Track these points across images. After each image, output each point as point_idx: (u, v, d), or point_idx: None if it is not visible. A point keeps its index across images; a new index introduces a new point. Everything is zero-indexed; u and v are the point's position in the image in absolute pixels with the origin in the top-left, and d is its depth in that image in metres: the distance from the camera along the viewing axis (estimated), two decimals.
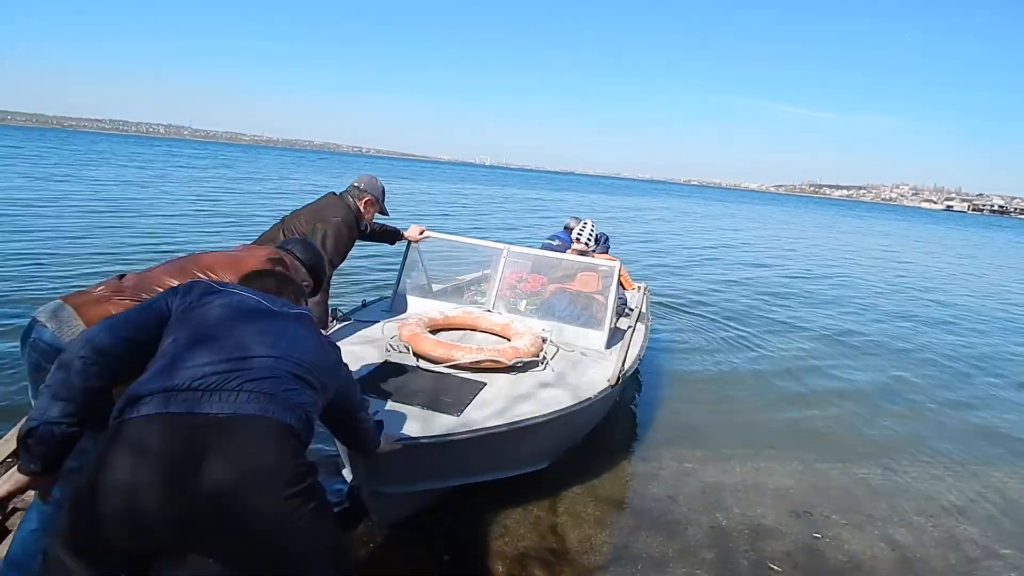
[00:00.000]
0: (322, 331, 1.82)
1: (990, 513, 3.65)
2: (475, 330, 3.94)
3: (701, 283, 11.00)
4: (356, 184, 3.97)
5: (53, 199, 14.45)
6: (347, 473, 2.79)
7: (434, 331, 3.77)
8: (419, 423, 2.61)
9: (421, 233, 4.48)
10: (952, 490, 3.89)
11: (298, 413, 1.44)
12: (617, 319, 4.45)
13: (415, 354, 3.35)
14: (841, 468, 4.03)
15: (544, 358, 3.55)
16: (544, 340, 3.72)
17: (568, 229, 5.48)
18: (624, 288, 5.17)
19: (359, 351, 3.39)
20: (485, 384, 3.12)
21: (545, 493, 3.38)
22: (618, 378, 3.40)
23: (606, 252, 5.45)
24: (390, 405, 2.76)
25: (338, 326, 3.82)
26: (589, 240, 5.02)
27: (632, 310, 4.78)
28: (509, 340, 3.69)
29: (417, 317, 3.78)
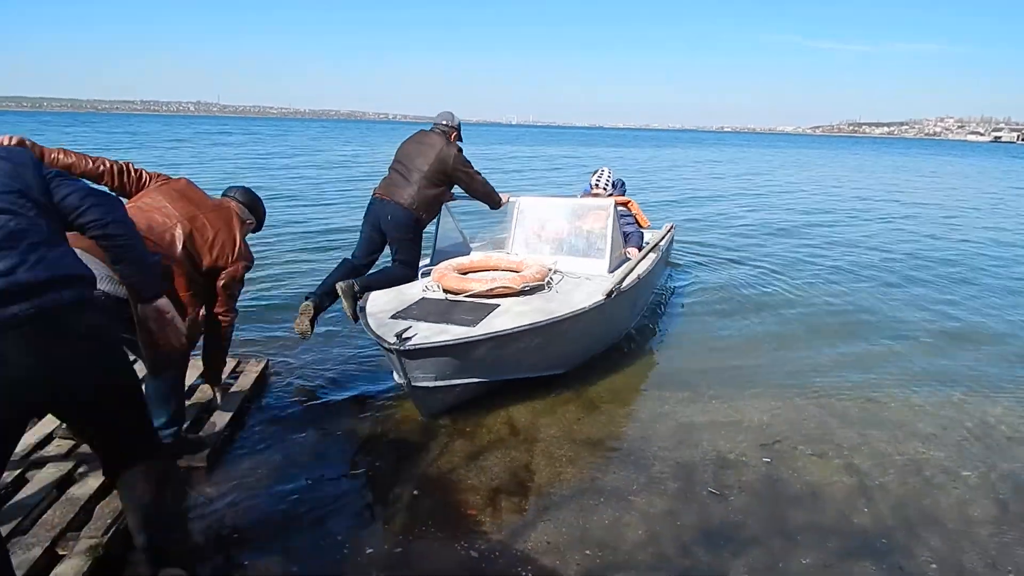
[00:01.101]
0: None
1: (961, 438, 3.73)
2: (496, 269, 4.66)
3: (730, 231, 11.08)
4: (443, 124, 4.84)
5: None
6: (396, 375, 3.59)
7: (463, 273, 4.50)
8: (444, 335, 3.48)
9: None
10: (928, 418, 3.97)
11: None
12: (626, 250, 5.32)
13: (444, 290, 4.20)
14: (821, 403, 4.15)
15: (550, 283, 4.35)
16: (550, 269, 4.49)
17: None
18: (640, 225, 5.79)
19: (405, 294, 4.22)
20: (498, 306, 3.96)
21: (524, 437, 3.61)
22: (611, 292, 4.14)
23: (623, 195, 6.02)
24: (425, 325, 3.61)
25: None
26: (606, 186, 5.94)
27: (647, 243, 5.55)
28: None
29: (448, 264, 4.60)
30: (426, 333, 3.50)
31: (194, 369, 3.96)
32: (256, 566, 2.52)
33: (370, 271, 4.72)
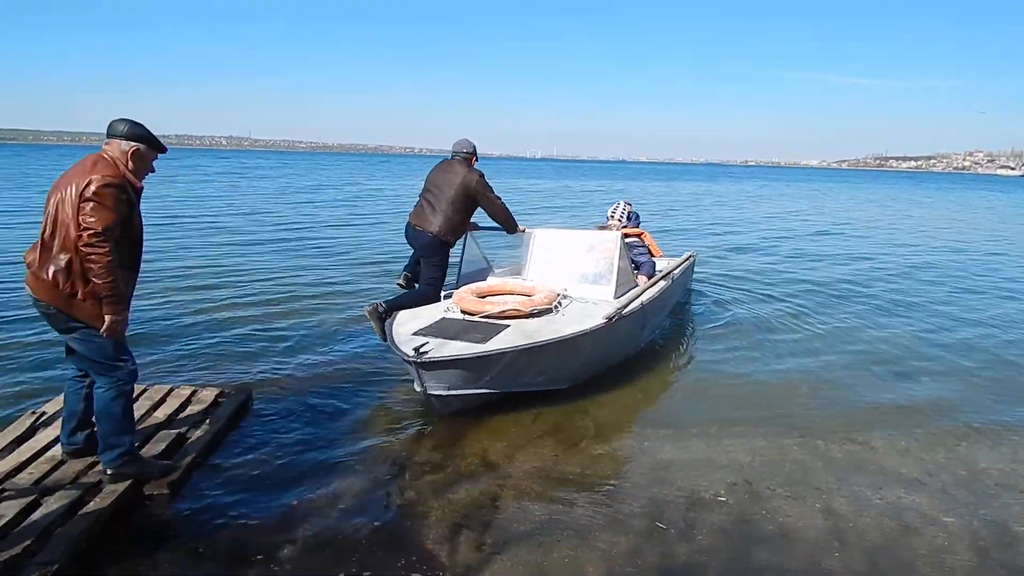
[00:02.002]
0: None
1: (946, 484, 3.62)
2: (511, 294, 5.05)
3: (757, 262, 11.04)
4: (462, 150, 5.30)
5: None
6: (415, 384, 3.97)
7: (480, 296, 4.92)
8: (455, 350, 3.94)
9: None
10: (915, 463, 3.86)
11: None
12: (637, 278, 5.76)
13: (462, 311, 4.67)
14: (804, 443, 4.05)
15: (557, 307, 4.77)
16: (559, 295, 4.90)
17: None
18: (652, 255, 6.20)
19: (429, 314, 4.69)
20: (508, 326, 4.38)
21: (496, 471, 3.60)
22: (612, 317, 4.54)
23: (636, 227, 6.40)
24: (440, 341, 4.06)
25: (426, 306, 4.97)
26: (621, 218, 6.35)
27: (659, 272, 6.03)
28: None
29: (468, 288, 5.08)
30: (440, 348, 3.97)
31: (175, 399, 4.04)
32: None
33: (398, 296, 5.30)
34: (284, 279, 8.55)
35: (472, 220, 5.48)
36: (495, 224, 5.51)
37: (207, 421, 3.78)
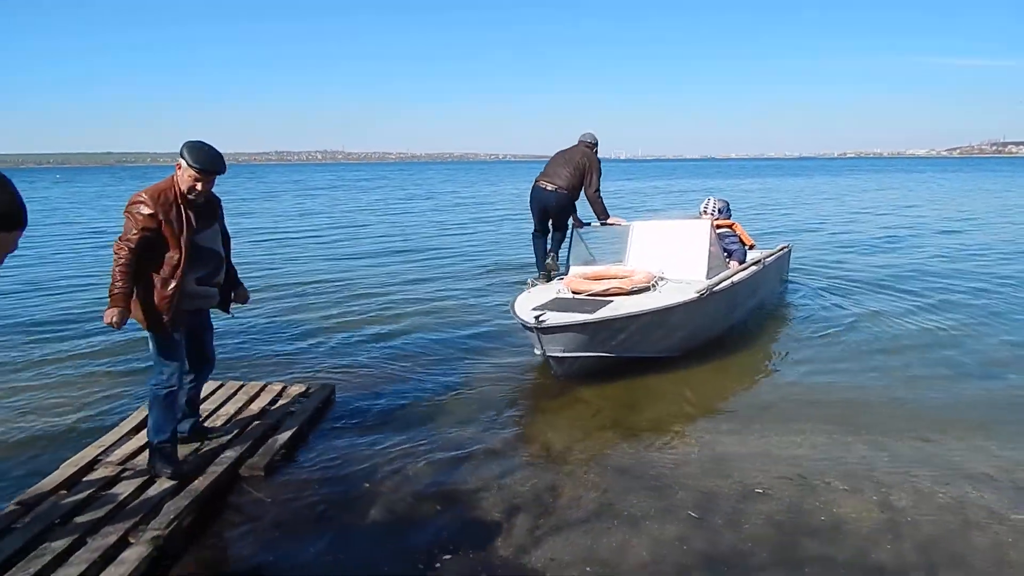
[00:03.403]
0: None
1: (1019, 481, 3.49)
2: (613, 277, 5.56)
3: (859, 259, 10.71)
4: (587, 140, 6.62)
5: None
6: (535, 349, 4.68)
7: (587, 279, 5.52)
8: (568, 319, 4.66)
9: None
10: (986, 459, 3.73)
11: None
12: (729, 264, 6.25)
13: (571, 291, 5.37)
14: (870, 440, 4.01)
15: (654, 286, 5.39)
16: (656, 276, 5.49)
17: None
18: (744, 243, 6.67)
19: (543, 295, 5.41)
20: (611, 302, 5.04)
21: (555, 460, 3.81)
22: (702, 292, 5.11)
23: (727, 219, 6.89)
24: (556, 313, 4.71)
25: (541, 284, 5.97)
26: (713, 212, 6.88)
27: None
28: None
29: (576, 272, 5.85)
30: (556, 317, 4.64)
31: (267, 393, 4.47)
32: (294, 565, 2.86)
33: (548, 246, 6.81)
34: (380, 288, 9.05)
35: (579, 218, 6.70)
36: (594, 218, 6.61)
37: (294, 413, 4.17)
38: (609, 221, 6.59)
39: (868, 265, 10.26)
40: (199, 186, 3.18)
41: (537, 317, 4.51)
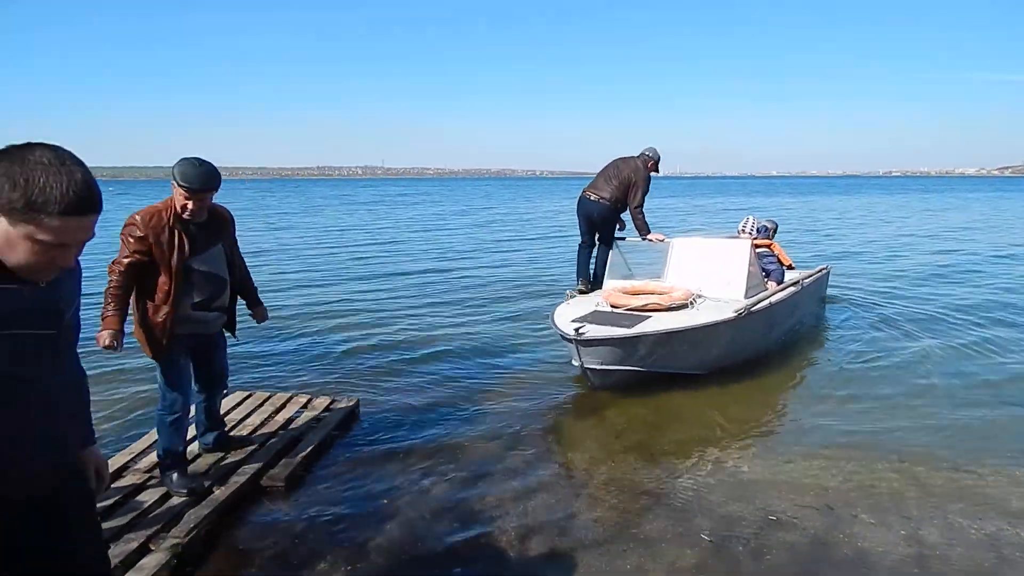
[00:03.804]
0: None
1: None
2: (652, 293, 5.65)
3: (904, 281, 10.48)
4: (645, 153, 6.70)
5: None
6: (573, 360, 4.80)
7: (626, 294, 5.61)
8: (607, 332, 4.77)
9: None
10: None
11: None
12: (767, 284, 6.32)
13: (610, 305, 5.41)
14: (902, 470, 3.88)
15: (692, 303, 5.41)
16: (694, 294, 5.54)
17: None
18: (782, 264, 6.81)
19: (582, 308, 5.45)
20: (650, 317, 5.09)
21: (575, 480, 3.78)
22: (740, 311, 5.17)
23: (768, 238, 7.06)
24: (594, 326, 4.83)
25: (578, 297, 6.13)
26: (751, 231, 7.04)
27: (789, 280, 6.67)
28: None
29: (615, 286, 5.94)
30: (595, 330, 4.75)
31: (293, 404, 4.54)
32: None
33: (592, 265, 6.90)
34: (413, 305, 9.15)
35: (617, 233, 6.79)
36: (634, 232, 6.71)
37: (318, 426, 4.23)
38: (649, 237, 6.59)
39: (913, 290, 9.93)
40: (190, 205, 3.04)
41: (577, 329, 4.66)
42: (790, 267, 7.02)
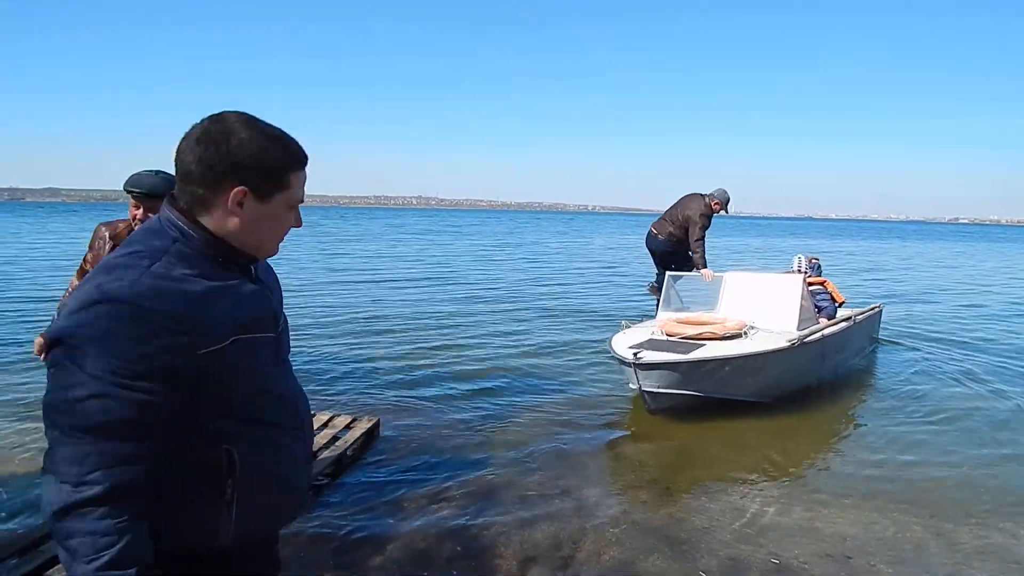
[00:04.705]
0: None
1: None
2: (707, 324, 5.79)
3: (969, 329, 10.01)
4: (712, 192, 7.04)
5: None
6: (631, 384, 5.14)
7: (681, 323, 5.84)
8: (664, 357, 5.02)
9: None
10: None
11: None
12: (819, 318, 6.42)
13: (666, 334, 5.63)
14: (928, 524, 3.71)
15: (746, 333, 5.60)
16: (748, 325, 5.72)
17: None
18: (835, 300, 6.92)
19: (639, 336, 5.67)
20: (704, 345, 5.30)
21: (584, 512, 3.73)
22: (794, 341, 5.38)
23: (819, 276, 7.13)
24: (651, 354, 5.03)
25: (631, 326, 6.19)
26: (804, 269, 7.08)
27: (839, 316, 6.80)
28: None
29: (670, 316, 6.18)
30: (653, 355, 5.02)
31: (315, 421, 4.63)
32: None
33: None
34: (451, 332, 9.26)
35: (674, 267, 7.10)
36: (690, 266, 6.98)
37: (336, 444, 4.31)
38: (702, 271, 6.79)
39: (974, 338, 9.49)
40: (139, 214, 2.81)
41: (635, 354, 4.92)
42: (842, 304, 7.10)
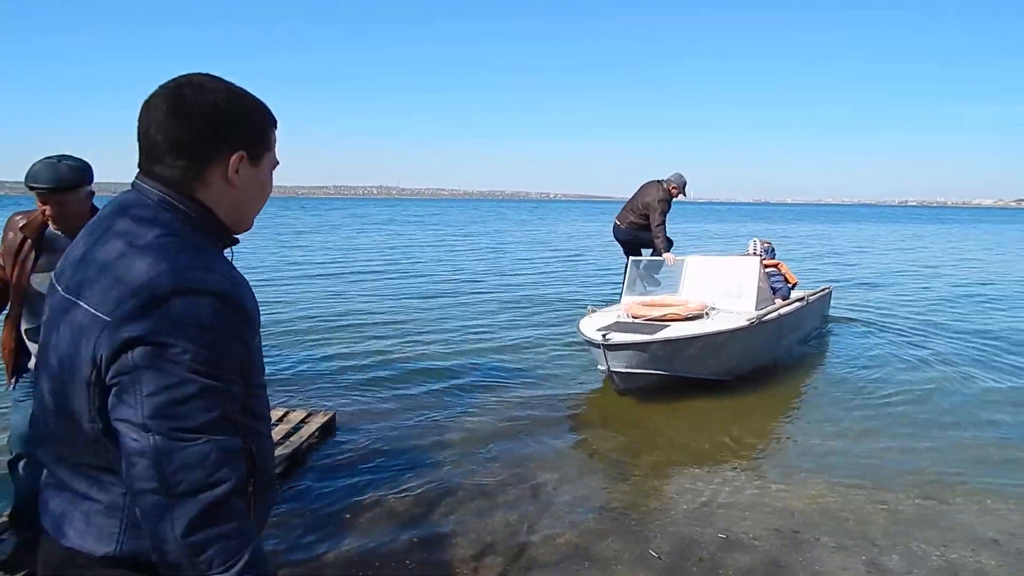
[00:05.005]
0: None
1: None
2: (670, 305, 6.01)
3: (907, 305, 10.31)
4: (669, 178, 7.37)
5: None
6: (600, 365, 5.27)
7: (645, 306, 5.99)
8: (631, 338, 5.18)
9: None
10: (992, 522, 3.54)
11: None
12: (774, 300, 6.69)
13: (631, 316, 5.78)
14: (871, 495, 3.84)
15: (707, 314, 5.81)
16: (708, 306, 5.94)
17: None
18: (788, 282, 7.18)
19: (605, 319, 5.80)
20: (668, 326, 5.49)
21: (539, 498, 3.77)
22: (752, 320, 5.68)
23: (772, 258, 7.40)
24: (618, 336, 5.15)
25: (597, 311, 6.26)
26: (760, 252, 7.36)
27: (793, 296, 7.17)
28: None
29: (634, 299, 6.35)
30: (621, 336, 5.16)
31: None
32: None
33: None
34: (408, 323, 9.19)
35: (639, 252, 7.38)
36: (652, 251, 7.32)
37: (291, 439, 4.26)
38: (664, 255, 7.14)
39: (922, 320, 9.77)
40: (47, 210, 2.50)
41: (604, 335, 5.03)
42: (795, 285, 7.40)
